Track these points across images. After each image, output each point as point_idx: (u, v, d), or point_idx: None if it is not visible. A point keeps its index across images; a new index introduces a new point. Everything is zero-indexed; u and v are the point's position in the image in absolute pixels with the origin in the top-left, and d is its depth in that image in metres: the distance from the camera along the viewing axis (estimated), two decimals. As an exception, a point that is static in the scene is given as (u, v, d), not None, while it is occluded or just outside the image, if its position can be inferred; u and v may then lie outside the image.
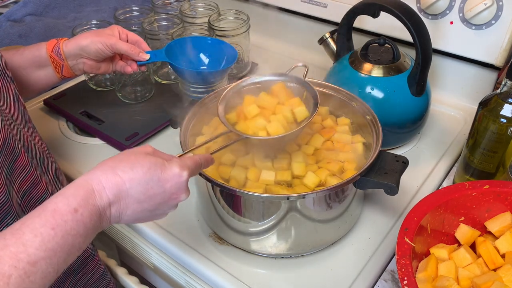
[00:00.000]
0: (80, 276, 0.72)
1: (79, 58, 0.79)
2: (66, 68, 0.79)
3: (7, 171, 0.56)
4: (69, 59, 0.78)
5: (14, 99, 0.63)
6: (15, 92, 0.63)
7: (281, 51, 1.24)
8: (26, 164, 0.59)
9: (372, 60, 0.86)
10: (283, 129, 0.70)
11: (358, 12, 0.86)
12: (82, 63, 0.80)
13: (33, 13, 1.39)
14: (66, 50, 0.77)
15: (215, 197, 0.68)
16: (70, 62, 0.78)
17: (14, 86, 0.63)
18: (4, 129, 0.55)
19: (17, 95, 0.64)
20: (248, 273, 0.69)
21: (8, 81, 0.62)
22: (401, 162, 0.67)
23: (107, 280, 0.77)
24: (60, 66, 0.78)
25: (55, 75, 0.79)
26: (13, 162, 0.57)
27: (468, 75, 1.00)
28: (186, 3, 1.13)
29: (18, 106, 0.63)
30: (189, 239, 0.74)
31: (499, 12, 0.88)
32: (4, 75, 0.62)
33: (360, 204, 0.75)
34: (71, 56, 0.78)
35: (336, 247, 0.73)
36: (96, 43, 0.78)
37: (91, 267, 0.73)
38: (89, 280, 0.74)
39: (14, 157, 0.57)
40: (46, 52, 0.77)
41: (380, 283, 0.68)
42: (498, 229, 0.65)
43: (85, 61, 0.79)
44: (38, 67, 0.77)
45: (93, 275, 0.74)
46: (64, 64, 0.78)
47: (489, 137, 0.72)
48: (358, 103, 0.77)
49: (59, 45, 0.77)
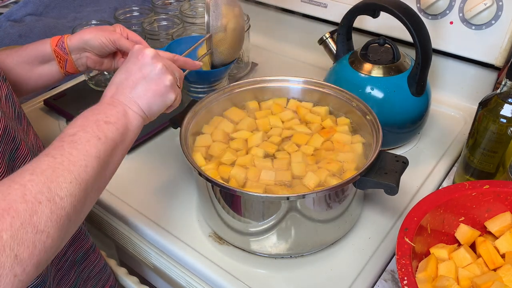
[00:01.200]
0: (83, 267, 0.74)
1: (83, 52, 0.79)
2: (70, 63, 0.80)
3: (8, 158, 0.57)
4: (73, 53, 0.79)
5: (7, 98, 0.63)
6: (8, 90, 0.64)
7: (281, 51, 1.24)
8: (26, 154, 0.60)
9: (372, 60, 0.86)
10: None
11: (358, 12, 0.86)
12: (85, 57, 0.80)
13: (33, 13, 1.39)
14: (70, 44, 0.78)
15: (215, 197, 0.68)
16: (74, 56, 0.79)
17: (7, 85, 0.64)
18: (4, 118, 0.56)
19: (10, 93, 0.64)
20: (248, 273, 0.69)
21: (1, 79, 0.63)
22: (401, 162, 0.67)
23: (107, 273, 0.79)
24: (64, 60, 0.79)
25: (59, 70, 0.79)
26: (14, 150, 0.58)
27: (468, 75, 1.00)
28: (186, 3, 1.13)
29: (12, 105, 0.64)
30: (189, 239, 0.75)
31: (499, 12, 0.88)
32: None
33: (360, 204, 0.75)
34: (75, 50, 0.79)
35: (336, 247, 0.73)
36: (99, 37, 0.79)
37: (92, 259, 0.75)
38: (92, 271, 0.76)
39: (15, 146, 0.59)
40: (50, 46, 0.77)
41: (380, 283, 0.68)
42: (498, 229, 0.65)
43: (88, 56, 0.80)
44: (42, 62, 0.78)
45: (95, 267, 0.76)
46: (68, 59, 0.79)
47: (489, 137, 0.72)
48: (358, 103, 0.77)
49: (63, 39, 0.79)
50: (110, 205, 0.81)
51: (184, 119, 0.74)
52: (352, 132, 0.78)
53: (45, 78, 0.80)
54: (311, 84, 0.83)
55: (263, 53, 1.23)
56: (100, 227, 0.87)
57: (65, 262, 0.71)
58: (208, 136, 0.78)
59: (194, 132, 0.77)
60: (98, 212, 0.85)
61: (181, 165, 0.89)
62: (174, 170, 0.88)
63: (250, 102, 0.84)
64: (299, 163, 0.71)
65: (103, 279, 0.79)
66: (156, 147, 0.94)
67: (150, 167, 0.89)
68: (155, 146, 0.95)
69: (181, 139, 0.70)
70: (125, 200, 0.82)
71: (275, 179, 0.69)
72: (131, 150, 0.92)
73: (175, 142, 0.94)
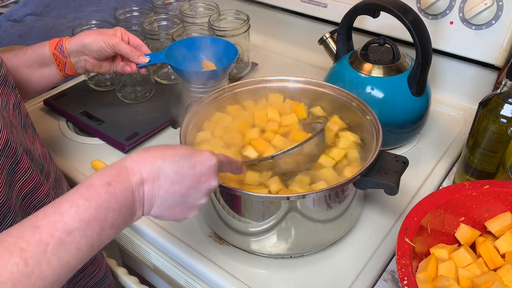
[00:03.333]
0: (78, 280, 0.72)
1: (82, 55, 0.79)
2: (69, 66, 0.80)
3: (7, 172, 0.56)
4: (71, 56, 0.79)
5: (14, 107, 0.63)
6: (16, 99, 0.64)
7: (281, 51, 1.24)
8: (28, 168, 0.60)
9: (372, 60, 0.86)
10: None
11: (358, 12, 0.86)
12: (84, 60, 0.80)
13: (33, 13, 1.39)
14: (69, 47, 0.78)
15: (215, 197, 0.68)
16: (73, 59, 0.79)
17: (16, 93, 0.64)
18: (6, 131, 0.55)
19: (17, 102, 0.64)
20: (248, 273, 0.69)
21: (10, 88, 0.62)
22: (401, 162, 0.67)
23: (106, 284, 0.77)
24: (63, 63, 0.79)
25: (58, 73, 0.79)
26: (15, 164, 0.58)
27: (468, 75, 1.00)
28: (186, 3, 1.13)
29: (18, 114, 0.64)
30: (189, 239, 0.75)
31: (499, 12, 0.88)
32: (5, 82, 0.62)
33: (360, 204, 0.75)
34: (73, 53, 0.79)
35: (336, 247, 0.73)
36: (98, 42, 0.78)
37: (90, 271, 0.73)
38: (88, 283, 0.74)
39: (16, 159, 0.58)
40: (49, 50, 0.77)
41: (380, 283, 0.68)
42: (498, 229, 0.65)
43: (87, 59, 0.80)
44: (41, 66, 0.78)
45: (92, 279, 0.75)
46: (67, 62, 0.79)
47: (489, 137, 0.72)
48: (358, 103, 0.77)
49: (62, 42, 0.79)
50: (110, 205, 0.81)
51: (184, 119, 0.74)
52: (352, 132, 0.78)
53: (45, 81, 0.80)
54: (311, 84, 0.83)
55: (263, 53, 1.23)
56: (100, 227, 0.86)
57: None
58: (209, 133, 0.78)
59: (194, 133, 0.76)
60: (98, 212, 0.85)
61: (181, 165, 0.88)
62: (174, 170, 0.88)
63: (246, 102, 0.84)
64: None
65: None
66: (156, 147, 0.94)
67: (150, 167, 0.89)
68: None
69: (181, 139, 0.70)
70: (125, 200, 0.81)
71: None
72: (131, 150, 0.92)
73: (175, 142, 0.94)
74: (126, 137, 0.93)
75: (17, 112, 0.64)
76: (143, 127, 0.96)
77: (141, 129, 0.95)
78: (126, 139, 0.92)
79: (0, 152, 0.55)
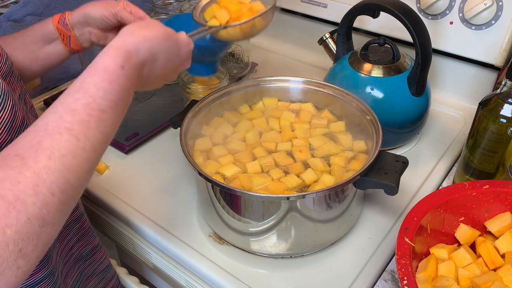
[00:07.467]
0: (88, 264, 0.75)
1: (85, 26, 0.79)
2: (74, 39, 0.79)
3: None
4: (75, 28, 0.78)
5: (20, 98, 0.63)
6: (22, 90, 0.64)
7: (281, 51, 1.24)
8: None
9: (372, 60, 0.86)
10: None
11: (358, 12, 0.86)
12: (88, 32, 0.80)
13: (33, 13, 1.38)
14: (72, 19, 0.78)
15: (215, 197, 0.68)
16: (77, 31, 0.79)
17: (21, 85, 0.64)
18: (20, 111, 0.56)
19: (23, 94, 0.64)
20: (248, 273, 0.69)
21: (15, 79, 0.63)
22: (401, 162, 0.67)
23: (111, 273, 0.80)
24: (67, 37, 0.78)
25: (64, 48, 0.79)
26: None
27: (468, 75, 1.00)
28: (186, 3, 1.13)
29: (24, 105, 0.64)
30: (189, 239, 0.75)
31: (499, 12, 0.88)
32: (11, 73, 0.62)
33: (360, 204, 0.75)
34: (77, 24, 0.79)
35: (336, 247, 0.73)
36: (100, 10, 0.78)
37: (97, 257, 0.76)
38: (96, 269, 0.77)
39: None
40: (53, 24, 0.77)
41: (380, 283, 0.68)
42: (498, 229, 0.65)
43: (91, 30, 0.80)
44: (47, 42, 0.78)
45: (99, 266, 0.77)
46: (71, 35, 0.79)
47: (489, 137, 0.72)
48: (358, 103, 0.77)
49: (65, 15, 0.79)
50: (110, 205, 0.81)
51: (184, 119, 0.74)
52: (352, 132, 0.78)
53: (52, 58, 0.80)
54: (311, 84, 0.83)
55: (263, 53, 1.23)
56: (100, 227, 0.87)
57: (71, 256, 0.71)
58: (207, 139, 0.78)
59: (194, 133, 0.77)
60: (98, 212, 0.85)
61: (181, 165, 0.89)
62: (174, 170, 0.88)
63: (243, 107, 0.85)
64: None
65: (106, 278, 0.79)
66: (156, 147, 0.94)
67: (150, 167, 0.89)
68: (155, 146, 0.95)
69: (181, 139, 0.70)
70: (125, 200, 0.82)
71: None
72: (131, 150, 0.93)
73: (175, 142, 0.94)
74: (126, 137, 0.93)
75: (23, 103, 0.64)
76: (143, 127, 0.96)
77: (141, 129, 0.95)
78: (126, 139, 0.92)
79: (19, 128, 0.55)
